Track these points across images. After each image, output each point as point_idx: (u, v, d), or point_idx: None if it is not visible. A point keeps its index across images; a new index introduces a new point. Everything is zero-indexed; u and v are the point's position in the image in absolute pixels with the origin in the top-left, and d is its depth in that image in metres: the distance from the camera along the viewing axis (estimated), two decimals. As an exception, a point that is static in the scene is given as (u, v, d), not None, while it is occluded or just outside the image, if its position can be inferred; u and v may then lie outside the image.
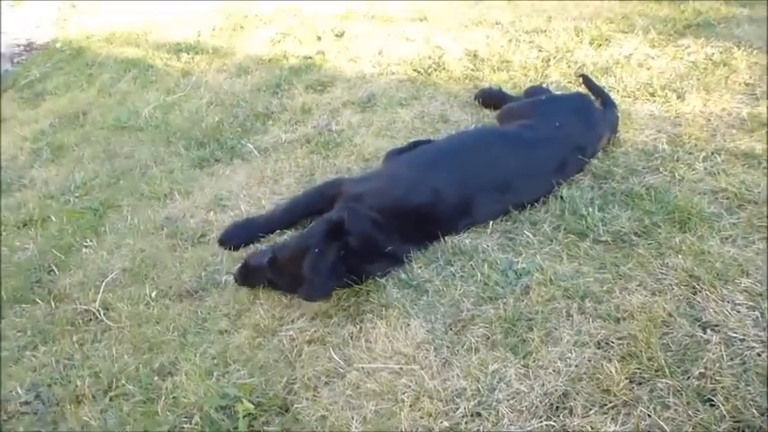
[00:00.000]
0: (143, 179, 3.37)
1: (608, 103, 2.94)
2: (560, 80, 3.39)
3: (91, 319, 2.46)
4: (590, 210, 2.43)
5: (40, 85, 4.75)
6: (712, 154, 2.62)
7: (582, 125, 2.69)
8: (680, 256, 2.16)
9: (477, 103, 3.35)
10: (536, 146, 2.61)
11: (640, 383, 1.78)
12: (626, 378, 1.78)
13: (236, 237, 2.73)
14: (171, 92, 4.25)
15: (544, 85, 3.31)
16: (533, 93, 3.19)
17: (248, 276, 2.42)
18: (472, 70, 3.68)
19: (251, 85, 4.16)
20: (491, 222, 2.51)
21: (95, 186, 3.36)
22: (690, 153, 2.66)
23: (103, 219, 3.08)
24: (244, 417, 1.94)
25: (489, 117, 3.22)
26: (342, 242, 2.23)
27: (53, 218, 3.12)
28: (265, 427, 1.92)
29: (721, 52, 3.30)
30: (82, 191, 3.34)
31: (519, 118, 2.84)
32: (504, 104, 3.14)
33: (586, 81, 3.13)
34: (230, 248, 2.70)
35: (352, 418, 1.86)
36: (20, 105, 4.61)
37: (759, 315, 1.92)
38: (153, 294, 2.51)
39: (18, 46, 5.66)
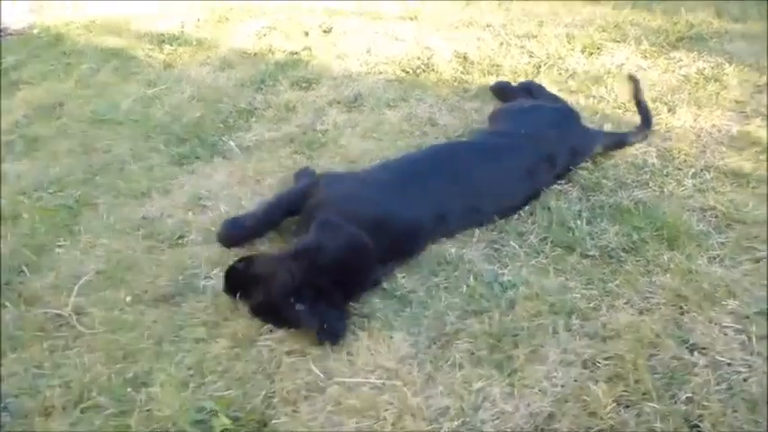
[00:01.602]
0: (120, 175, 3.27)
1: (645, 121, 2.88)
2: (550, 87, 3.34)
3: (62, 325, 2.36)
4: (578, 222, 2.40)
5: (14, 73, 4.60)
6: (701, 171, 2.60)
7: (555, 135, 2.66)
8: (668, 275, 2.14)
9: (492, 93, 3.42)
10: (500, 152, 2.59)
11: (627, 406, 1.74)
12: (613, 401, 1.75)
13: (233, 236, 2.66)
14: (152, 84, 4.15)
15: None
16: (527, 88, 3.23)
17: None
18: (462, 73, 3.64)
19: (234, 79, 4.07)
20: (476, 231, 2.47)
21: (71, 182, 3.25)
22: (679, 169, 2.63)
23: (78, 217, 2.98)
24: (220, 432, 1.88)
25: (477, 122, 3.18)
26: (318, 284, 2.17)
27: (25, 215, 3.01)
28: (242, 443, 1.86)
29: (713, 67, 3.28)
30: (56, 187, 3.22)
31: (499, 122, 2.86)
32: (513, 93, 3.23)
33: (635, 87, 3.01)
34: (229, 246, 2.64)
35: (333, 437, 1.81)
36: (-8, 94, 4.47)
37: (746, 338, 1.90)
38: (128, 299, 2.42)
39: (-9, 31, 5.49)
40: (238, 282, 2.32)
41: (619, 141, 2.79)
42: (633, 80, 2.94)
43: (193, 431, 1.89)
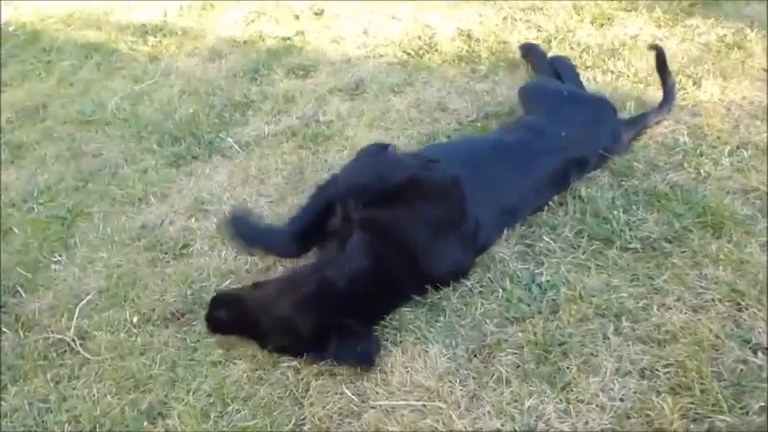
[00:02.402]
0: (114, 181, 3.08)
1: (668, 95, 2.67)
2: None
3: (66, 351, 2.20)
4: (614, 212, 2.23)
5: (-7, 75, 4.36)
6: (738, 148, 2.43)
7: (591, 137, 2.46)
8: (719, 267, 1.98)
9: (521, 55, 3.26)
10: (534, 154, 2.37)
11: (695, 420, 1.60)
12: (680, 415, 1.60)
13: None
14: (139, 80, 3.92)
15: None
16: (555, 62, 3.06)
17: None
18: (468, 52, 3.43)
19: (226, 70, 3.86)
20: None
21: (61, 191, 3.06)
22: (713, 147, 2.46)
23: (72, 229, 2.80)
24: (249, 467, 1.73)
25: (490, 106, 2.99)
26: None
27: (16, 230, 2.82)
28: (275, 480, 1.70)
29: (734, 33, 3.08)
30: (46, 196, 3.03)
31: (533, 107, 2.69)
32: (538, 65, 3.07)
33: (660, 59, 2.71)
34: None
35: (376, 469, 1.66)
36: (-29, 98, 4.23)
37: (811, 335, 1.76)
38: (134, 320, 2.25)
39: (-35, 30, 5.20)
40: (226, 326, 2.13)
41: (642, 127, 2.61)
42: (656, 50, 2.73)
43: (219, 466, 1.74)
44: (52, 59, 4.37)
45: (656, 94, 2.78)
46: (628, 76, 2.96)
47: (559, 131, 2.41)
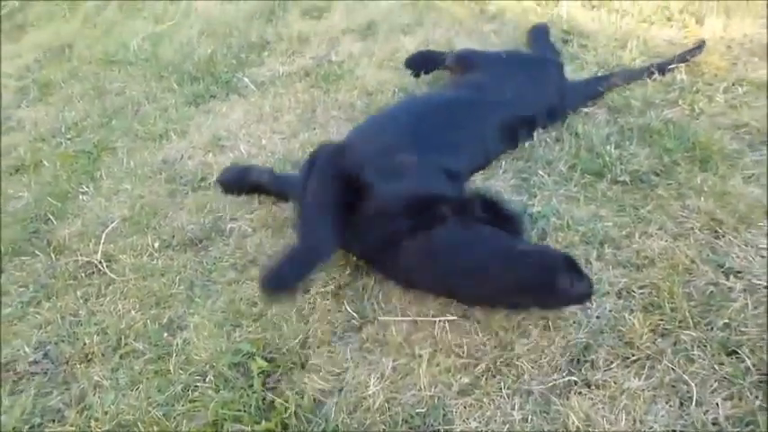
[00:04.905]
0: (136, 118, 3.24)
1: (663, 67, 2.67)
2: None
3: (93, 272, 2.39)
4: (607, 148, 2.33)
5: (20, 15, 4.50)
6: (733, 85, 2.50)
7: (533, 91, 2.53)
8: (702, 198, 2.08)
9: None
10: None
11: (663, 335, 1.73)
12: (649, 330, 1.73)
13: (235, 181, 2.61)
14: (159, 20, 4.06)
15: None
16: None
17: None
18: (477, -7, 3.49)
19: (243, 11, 3.97)
20: (503, 161, 2.43)
21: (87, 127, 3.23)
22: (709, 84, 2.54)
23: (98, 162, 2.98)
24: (258, 374, 1.90)
25: (496, 45, 3.07)
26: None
27: (46, 162, 3.01)
28: (280, 385, 1.87)
29: (742, -30, 3.10)
30: (73, 132, 3.21)
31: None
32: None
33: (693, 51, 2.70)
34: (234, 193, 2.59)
35: (370, 375, 1.82)
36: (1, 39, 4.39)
37: (784, 261, 1.87)
38: (156, 245, 2.43)
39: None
40: None
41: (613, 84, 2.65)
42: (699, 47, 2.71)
43: (231, 374, 1.91)
44: (76, 0, 4.50)
45: (659, 32, 2.84)
46: (633, 15, 3.01)
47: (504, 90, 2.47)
